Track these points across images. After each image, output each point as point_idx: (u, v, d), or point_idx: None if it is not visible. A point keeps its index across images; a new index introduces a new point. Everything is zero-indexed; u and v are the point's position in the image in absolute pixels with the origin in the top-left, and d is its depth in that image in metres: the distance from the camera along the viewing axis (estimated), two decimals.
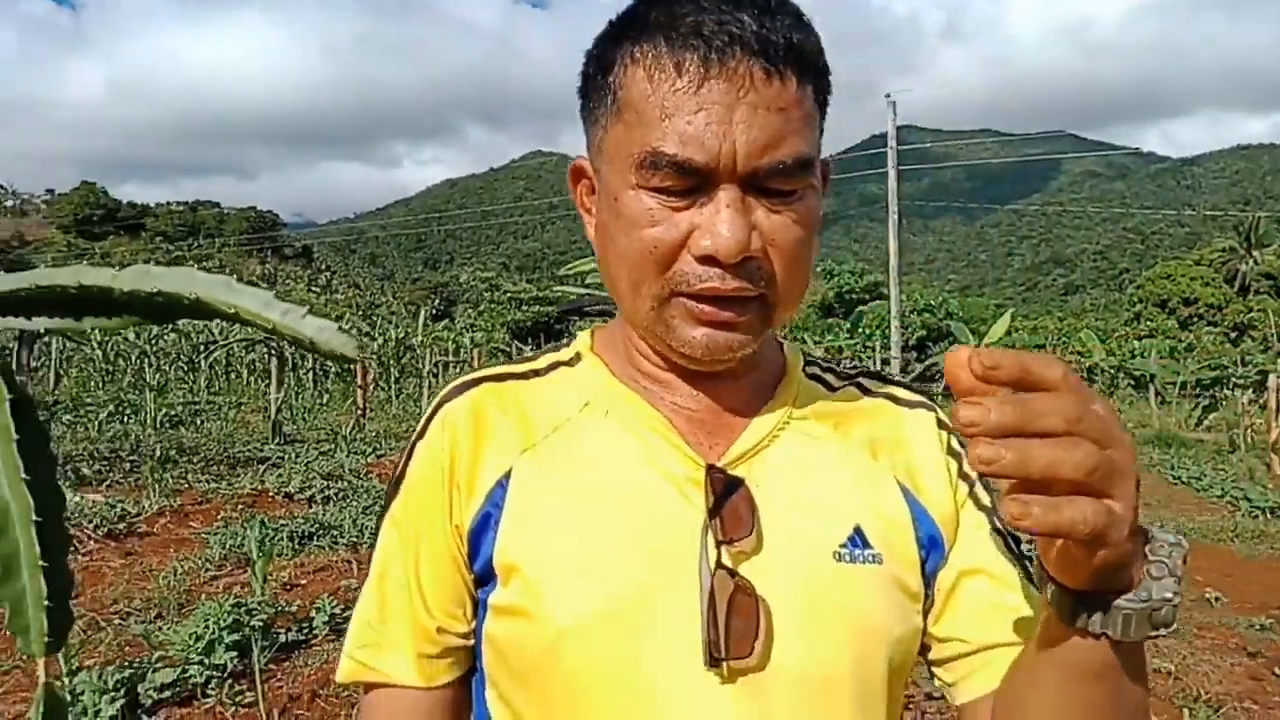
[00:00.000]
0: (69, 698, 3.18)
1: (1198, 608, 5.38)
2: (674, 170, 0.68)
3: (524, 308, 50.23)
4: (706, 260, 0.69)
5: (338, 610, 4.37)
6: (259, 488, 7.42)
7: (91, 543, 5.55)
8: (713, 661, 0.69)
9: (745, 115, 0.67)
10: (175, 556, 5.40)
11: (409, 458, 0.82)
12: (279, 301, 0.45)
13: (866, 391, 0.87)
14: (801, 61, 0.70)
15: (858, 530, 0.75)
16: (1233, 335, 49.97)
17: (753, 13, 0.68)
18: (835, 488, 0.77)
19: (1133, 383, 21.63)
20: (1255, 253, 61.41)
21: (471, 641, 0.80)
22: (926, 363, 19.84)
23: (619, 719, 0.71)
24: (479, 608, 0.79)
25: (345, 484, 7.71)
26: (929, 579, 0.78)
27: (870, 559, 0.74)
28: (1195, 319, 53.80)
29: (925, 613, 0.78)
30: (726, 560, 0.71)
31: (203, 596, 4.58)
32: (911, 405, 0.86)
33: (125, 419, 11.53)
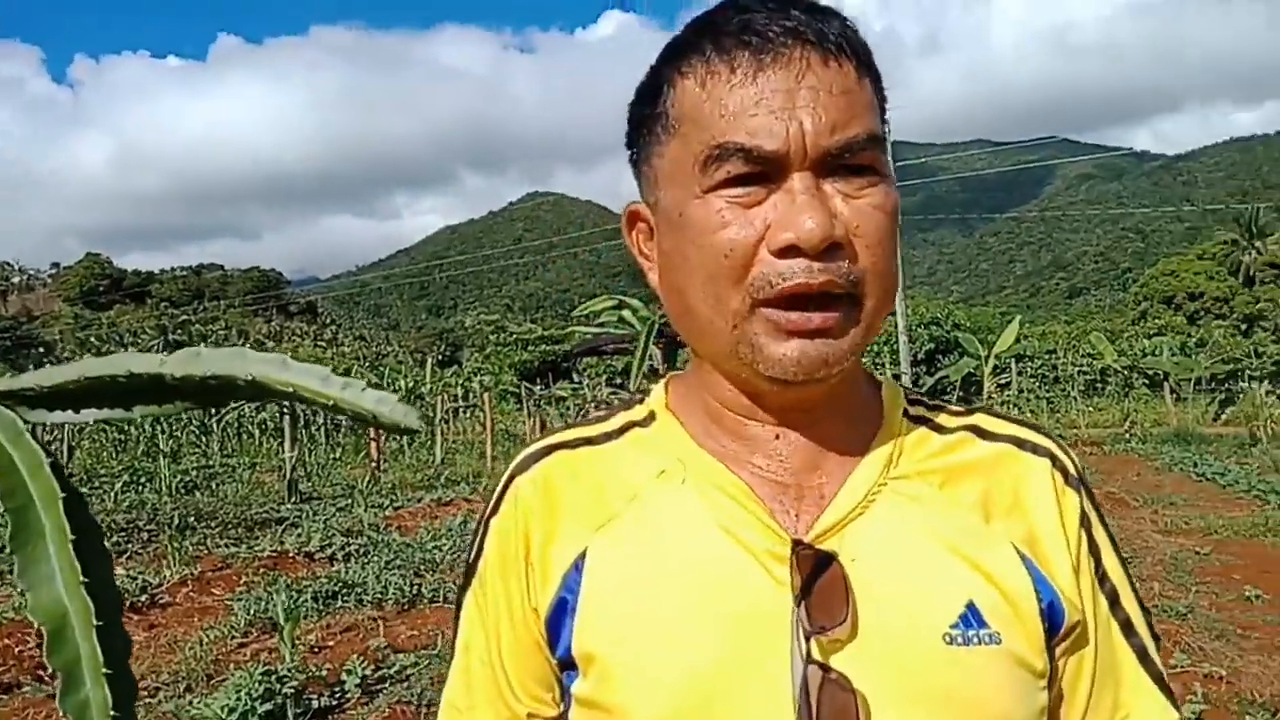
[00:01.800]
0: None
1: (1239, 606, 5.28)
2: (743, 158, 0.63)
3: (530, 348, 50.30)
4: (788, 252, 0.63)
5: (369, 672, 4.31)
6: (279, 549, 7.39)
7: None
8: None
9: (808, 99, 0.63)
10: (200, 625, 5.35)
11: (484, 534, 0.78)
12: (336, 377, 0.44)
13: (985, 435, 0.76)
14: (857, 54, 0.66)
15: (971, 607, 0.67)
16: (1243, 327, 49.79)
17: (802, 9, 0.66)
18: (943, 559, 0.68)
19: (1147, 381, 21.50)
20: (1257, 244, 61.39)
21: None
22: (937, 375, 19.71)
23: None
24: (565, 694, 0.74)
25: (365, 539, 7.68)
26: (1053, 652, 0.70)
27: (987, 639, 0.66)
28: (1203, 313, 53.61)
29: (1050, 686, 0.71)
30: (817, 653, 0.65)
31: (231, 665, 4.54)
32: (1036, 449, 0.75)
33: (140, 488, 11.52)
